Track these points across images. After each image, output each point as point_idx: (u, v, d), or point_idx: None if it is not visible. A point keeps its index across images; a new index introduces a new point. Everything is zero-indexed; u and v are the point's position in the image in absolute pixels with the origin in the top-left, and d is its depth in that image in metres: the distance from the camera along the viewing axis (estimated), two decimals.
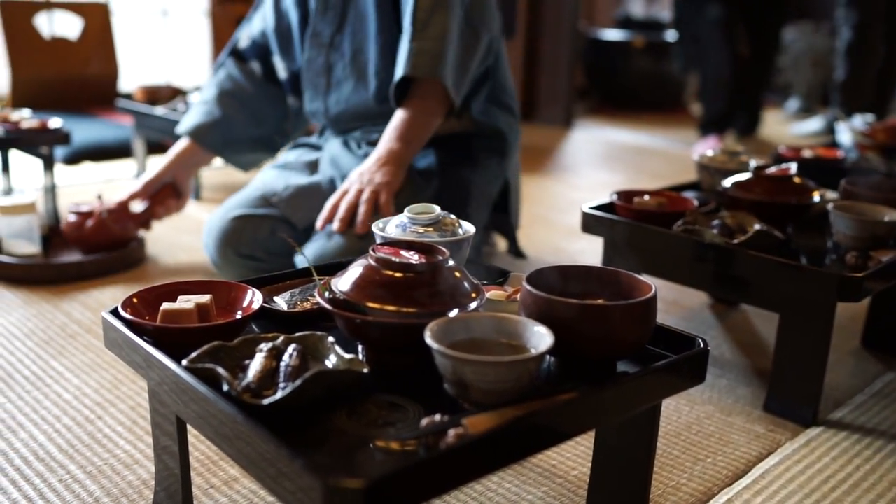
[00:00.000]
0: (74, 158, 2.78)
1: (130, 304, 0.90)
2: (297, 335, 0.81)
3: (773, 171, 1.42)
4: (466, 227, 1.02)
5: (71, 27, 3.50)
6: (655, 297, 0.84)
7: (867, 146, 1.99)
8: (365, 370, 0.75)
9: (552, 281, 0.89)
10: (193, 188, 2.15)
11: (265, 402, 0.71)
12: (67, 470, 1.07)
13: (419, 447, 0.68)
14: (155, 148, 2.84)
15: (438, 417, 0.70)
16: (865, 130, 2.06)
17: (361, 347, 0.86)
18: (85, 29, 3.48)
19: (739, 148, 1.66)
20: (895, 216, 1.30)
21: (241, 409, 0.70)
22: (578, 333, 0.80)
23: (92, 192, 2.47)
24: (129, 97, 2.80)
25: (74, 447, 1.12)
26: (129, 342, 0.85)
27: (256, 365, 0.76)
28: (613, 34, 5.05)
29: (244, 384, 0.73)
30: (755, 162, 1.48)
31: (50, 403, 1.24)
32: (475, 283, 0.87)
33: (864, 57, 3.54)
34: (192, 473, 1.02)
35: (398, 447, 0.68)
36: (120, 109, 2.73)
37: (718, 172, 1.58)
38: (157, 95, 2.71)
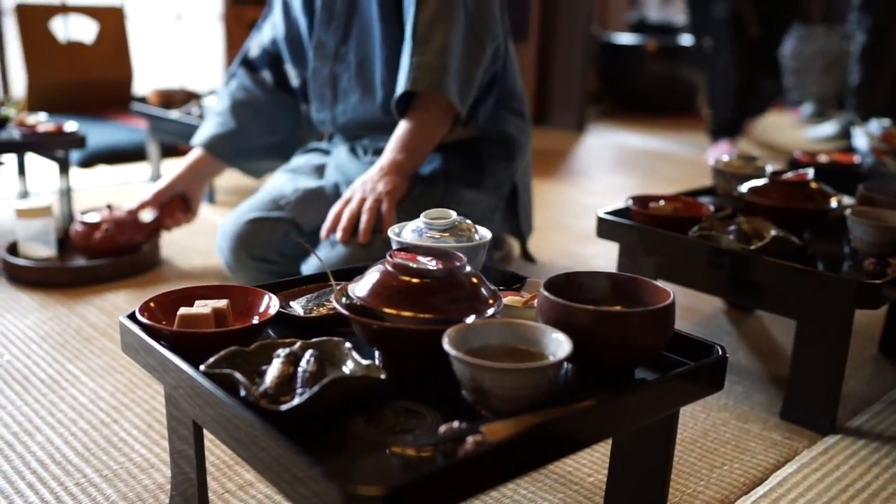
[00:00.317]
0: (89, 162, 2.80)
1: (147, 308, 0.90)
2: (314, 341, 0.81)
3: (789, 176, 1.41)
4: (483, 232, 1.01)
5: (86, 31, 3.52)
6: (674, 303, 0.83)
7: (883, 151, 1.97)
8: (382, 376, 0.75)
9: (570, 287, 0.88)
10: (206, 193, 2.15)
11: (283, 408, 0.71)
12: (83, 473, 1.07)
13: (437, 454, 0.68)
14: (169, 151, 2.86)
15: (456, 424, 0.70)
16: (882, 135, 2.04)
17: (378, 353, 0.85)
18: (100, 33, 3.50)
19: (755, 153, 1.65)
20: None
21: (258, 414, 0.70)
22: (597, 340, 0.80)
23: (107, 195, 2.48)
24: (143, 101, 2.81)
25: (90, 450, 1.13)
26: (146, 346, 0.85)
27: (274, 370, 0.76)
28: (626, 38, 5.05)
29: (262, 390, 0.73)
30: (771, 167, 1.47)
31: (66, 406, 1.24)
32: (493, 288, 0.87)
33: (879, 60, 3.51)
34: (207, 478, 1.02)
35: (416, 454, 0.68)
36: (134, 113, 2.75)
37: (734, 178, 1.57)
38: (171, 99, 2.72)
